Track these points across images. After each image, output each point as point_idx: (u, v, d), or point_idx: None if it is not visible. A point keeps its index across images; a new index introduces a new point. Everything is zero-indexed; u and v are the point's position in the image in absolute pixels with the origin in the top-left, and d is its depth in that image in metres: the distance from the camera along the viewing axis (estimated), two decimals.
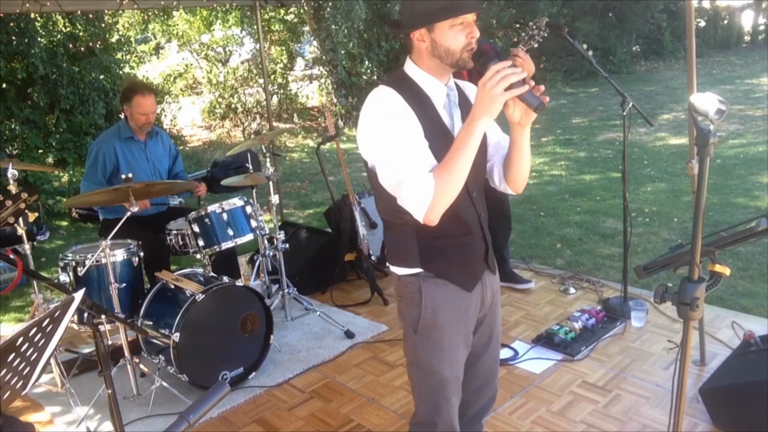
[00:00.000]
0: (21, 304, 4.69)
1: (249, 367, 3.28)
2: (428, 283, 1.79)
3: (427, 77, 1.74)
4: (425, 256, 1.78)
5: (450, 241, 1.78)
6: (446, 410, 1.89)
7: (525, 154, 1.83)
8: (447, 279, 1.80)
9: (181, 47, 13.19)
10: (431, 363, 1.84)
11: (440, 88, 1.75)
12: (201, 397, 1.22)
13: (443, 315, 1.80)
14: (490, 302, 1.94)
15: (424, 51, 1.71)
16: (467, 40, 1.67)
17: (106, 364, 1.86)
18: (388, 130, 1.65)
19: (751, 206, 5.66)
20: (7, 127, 7.78)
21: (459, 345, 1.85)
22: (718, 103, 1.61)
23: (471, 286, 1.84)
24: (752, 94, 12.11)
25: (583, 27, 16.10)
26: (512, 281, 4.23)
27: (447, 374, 1.85)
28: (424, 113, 1.69)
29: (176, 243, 3.60)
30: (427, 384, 1.87)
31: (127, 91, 3.73)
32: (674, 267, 2.04)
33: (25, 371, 1.33)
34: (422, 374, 1.87)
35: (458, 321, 1.83)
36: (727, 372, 2.69)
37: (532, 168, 8.08)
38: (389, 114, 1.66)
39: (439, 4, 1.62)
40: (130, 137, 3.75)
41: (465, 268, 1.83)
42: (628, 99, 3.45)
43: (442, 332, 1.81)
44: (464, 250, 1.83)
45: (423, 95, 1.72)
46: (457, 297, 1.81)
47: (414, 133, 1.65)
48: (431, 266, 1.78)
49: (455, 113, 1.78)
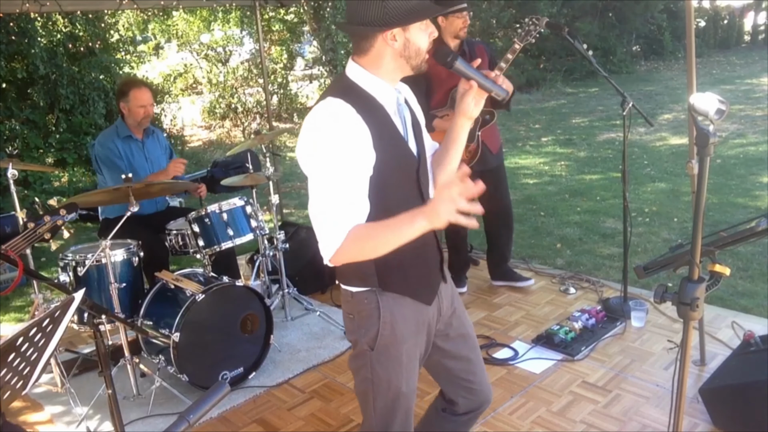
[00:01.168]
0: (21, 304, 4.69)
1: (249, 367, 3.28)
2: (386, 297, 1.71)
3: (378, 82, 1.65)
4: (382, 273, 1.69)
5: (407, 254, 1.63)
6: (402, 423, 1.85)
7: (461, 149, 1.81)
8: (406, 294, 1.73)
9: (180, 47, 13.19)
10: (389, 378, 1.77)
11: (391, 92, 1.68)
12: (201, 397, 1.22)
13: (401, 330, 1.73)
14: (449, 312, 1.89)
15: (390, 52, 1.62)
16: (430, 40, 1.65)
17: (106, 364, 1.86)
18: (330, 159, 1.54)
19: (751, 206, 5.67)
20: (7, 127, 7.78)
21: (416, 359, 1.80)
22: (718, 103, 1.61)
23: (430, 300, 1.79)
24: (752, 94, 12.11)
25: (583, 27, 16.11)
26: (511, 279, 4.23)
27: (404, 389, 1.80)
28: (378, 125, 1.59)
29: (176, 243, 3.59)
30: (384, 399, 1.81)
31: (122, 86, 3.73)
32: (674, 267, 2.04)
33: (25, 371, 1.33)
34: (378, 390, 1.79)
35: (416, 334, 1.77)
36: (727, 372, 2.69)
37: (533, 168, 8.10)
38: (337, 139, 1.54)
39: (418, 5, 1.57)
40: (128, 136, 3.74)
41: (423, 281, 1.78)
42: (628, 99, 3.45)
43: (400, 348, 1.74)
44: (420, 263, 1.76)
45: (376, 105, 1.63)
46: (415, 310, 1.76)
47: (355, 168, 1.55)
48: (390, 283, 1.70)
49: (406, 115, 1.73)
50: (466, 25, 3.70)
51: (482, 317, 3.87)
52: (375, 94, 1.64)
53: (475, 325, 3.75)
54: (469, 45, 3.82)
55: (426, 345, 1.84)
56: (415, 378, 1.83)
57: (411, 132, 1.73)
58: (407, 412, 1.85)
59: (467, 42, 3.80)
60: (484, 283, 4.37)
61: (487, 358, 3.37)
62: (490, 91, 1.67)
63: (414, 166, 1.71)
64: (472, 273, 4.44)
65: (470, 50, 3.82)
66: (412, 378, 1.81)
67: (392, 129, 1.65)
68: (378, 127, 1.59)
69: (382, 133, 1.60)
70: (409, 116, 1.74)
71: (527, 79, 14.49)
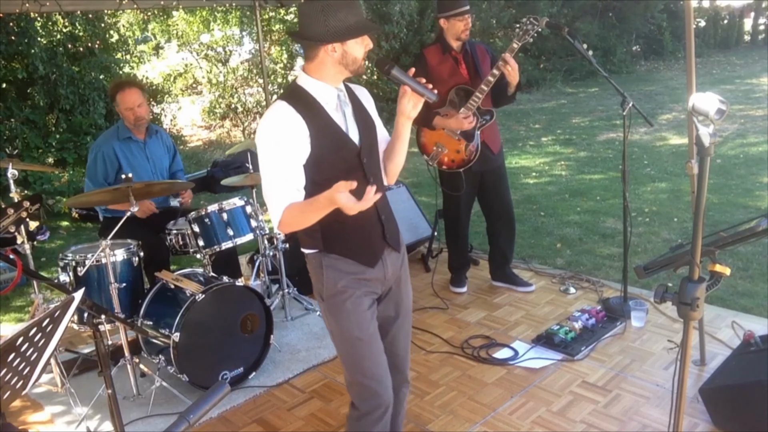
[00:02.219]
0: (21, 304, 4.69)
1: (249, 367, 3.28)
2: (329, 258, 2.03)
3: (320, 85, 1.98)
4: (327, 238, 2.02)
5: (348, 224, 1.95)
6: (368, 367, 2.07)
7: (406, 145, 2.11)
8: (348, 257, 2.03)
9: (180, 47, 13.19)
10: (340, 325, 2.06)
11: (331, 92, 2.00)
12: (201, 397, 1.22)
13: (343, 284, 2.02)
14: (394, 277, 2.14)
15: (330, 60, 1.95)
16: (365, 50, 1.97)
17: (106, 364, 1.86)
18: (270, 152, 1.90)
19: (752, 206, 5.67)
20: (7, 127, 7.77)
21: (363, 308, 2.04)
22: (719, 103, 1.61)
23: (373, 263, 2.06)
24: (752, 94, 12.11)
25: (583, 27, 16.11)
26: (512, 283, 4.23)
27: (357, 334, 2.04)
28: (315, 120, 1.94)
29: (176, 243, 3.59)
30: (343, 346, 2.10)
31: (110, 91, 3.71)
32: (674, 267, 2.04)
33: (25, 371, 1.33)
34: (337, 338, 2.11)
35: (358, 287, 2.04)
36: (727, 372, 2.69)
37: (533, 168, 8.12)
38: (276, 134, 1.90)
39: (355, 24, 1.90)
40: (128, 137, 3.73)
41: (364, 247, 2.06)
42: (628, 99, 3.46)
43: (345, 299, 2.02)
44: (361, 232, 2.04)
45: (314, 103, 1.97)
46: (357, 270, 2.03)
47: (289, 158, 1.90)
48: (332, 246, 2.03)
49: (346, 110, 2.04)
50: (468, 27, 3.71)
51: (482, 317, 3.87)
52: (316, 95, 1.98)
53: (475, 325, 3.77)
54: (470, 45, 3.83)
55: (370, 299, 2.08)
56: (368, 325, 2.06)
57: (354, 124, 2.04)
58: (371, 356, 2.07)
59: (469, 43, 3.81)
60: (484, 283, 4.37)
61: (487, 358, 3.37)
62: (422, 95, 1.95)
63: (355, 152, 2.02)
64: (472, 273, 4.44)
65: (472, 51, 3.82)
66: (364, 324, 2.05)
67: (330, 123, 1.98)
68: (316, 122, 1.94)
69: (320, 127, 1.94)
70: (350, 111, 2.05)
71: (527, 79, 14.49)
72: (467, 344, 3.53)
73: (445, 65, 3.78)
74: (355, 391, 2.13)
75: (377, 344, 2.09)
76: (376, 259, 2.07)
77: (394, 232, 2.15)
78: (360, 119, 2.07)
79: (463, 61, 3.80)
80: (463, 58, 3.80)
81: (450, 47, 3.77)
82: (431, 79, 3.73)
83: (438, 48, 3.81)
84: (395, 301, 2.18)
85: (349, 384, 2.15)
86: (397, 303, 2.19)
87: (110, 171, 3.68)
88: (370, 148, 2.07)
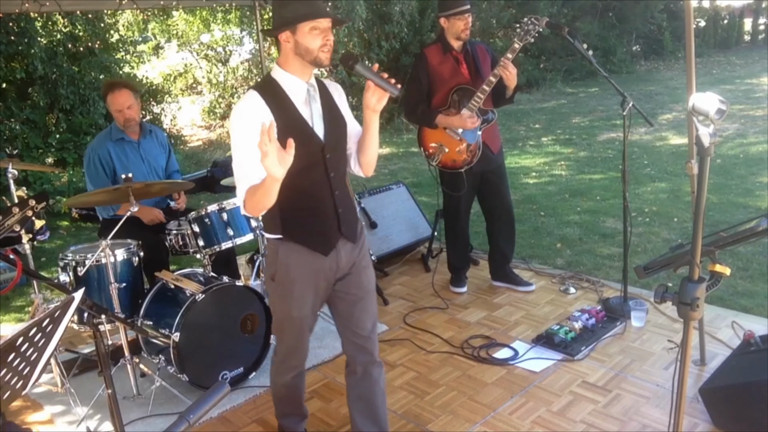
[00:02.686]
0: (21, 304, 4.69)
1: (249, 367, 3.28)
2: (285, 246, 2.20)
3: (290, 78, 2.11)
4: (285, 224, 2.18)
5: (306, 213, 2.18)
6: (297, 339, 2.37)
7: (375, 137, 2.21)
8: (303, 244, 2.19)
9: (180, 47, 13.19)
10: (282, 304, 2.29)
11: (301, 85, 2.13)
12: (201, 397, 1.22)
13: (294, 272, 2.21)
14: (348, 265, 2.29)
15: (289, 51, 2.08)
16: (323, 42, 2.05)
17: (106, 364, 1.86)
18: (238, 138, 2.05)
19: (752, 206, 5.67)
20: (7, 127, 7.77)
21: (308, 295, 2.25)
22: (719, 103, 1.61)
23: (327, 251, 2.21)
24: (752, 94, 12.11)
25: (583, 27, 16.11)
26: (512, 283, 4.23)
27: (294, 314, 2.28)
28: (281, 110, 2.08)
29: (176, 243, 3.59)
30: (278, 317, 2.36)
31: (102, 91, 3.67)
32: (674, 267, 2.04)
33: (25, 371, 1.33)
34: (275, 310, 2.36)
35: (309, 277, 2.22)
36: (727, 372, 2.69)
37: (533, 168, 8.11)
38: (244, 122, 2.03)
39: (301, 11, 2.01)
40: (121, 138, 3.70)
41: (320, 235, 2.21)
42: (628, 99, 3.46)
43: (293, 285, 2.23)
44: (318, 221, 2.20)
45: (283, 94, 2.10)
46: (311, 259, 2.20)
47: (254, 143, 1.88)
48: (289, 233, 2.19)
49: (314, 106, 2.15)
50: (468, 27, 3.71)
51: (482, 317, 3.87)
52: (287, 87, 2.12)
53: (475, 325, 3.77)
54: (471, 45, 3.83)
55: (324, 287, 2.28)
56: (306, 308, 2.28)
57: (320, 120, 2.16)
58: (299, 331, 2.35)
59: (470, 43, 3.81)
60: (484, 283, 4.37)
61: (487, 358, 3.37)
62: (385, 89, 2.04)
63: (319, 147, 2.14)
64: (472, 273, 4.44)
65: (472, 50, 3.82)
66: (303, 308, 2.27)
67: (297, 117, 2.11)
68: (282, 115, 2.06)
69: (286, 120, 2.06)
70: (319, 107, 2.17)
71: (527, 79, 14.49)
72: (467, 344, 3.53)
73: (446, 65, 3.78)
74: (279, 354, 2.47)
75: (307, 322, 2.34)
76: (329, 248, 2.22)
77: (351, 224, 2.29)
78: (329, 115, 2.18)
79: (464, 61, 3.80)
80: (464, 58, 3.80)
81: (451, 47, 3.77)
82: (432, 79, 3.78)
83: (439, 48, 3.81)
84: (356, 285, 2.32)
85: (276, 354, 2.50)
86: (357, 286, 2.32)
87: (107, 173, 3.67)
88: (336, 144, 2.20)
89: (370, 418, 2.40)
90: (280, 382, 2.53)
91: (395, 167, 8.67)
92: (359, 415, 2.41)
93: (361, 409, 2.41)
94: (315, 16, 2.02)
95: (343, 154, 2.25)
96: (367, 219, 4.70)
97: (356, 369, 2.40)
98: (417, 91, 3.84)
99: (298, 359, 2.47)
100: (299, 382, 2.58)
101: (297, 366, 2.49)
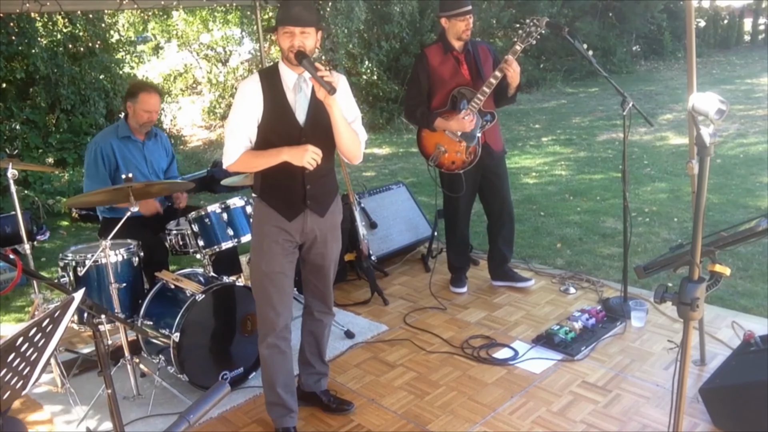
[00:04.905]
0: (21, 304, 4.68)
1: (249, 367, 3.27)
2: (261, 204, 2.64)
3: (286, 69, 2.51)
4: (262, 187, 2.63)
5: (279, 183, 2.59)
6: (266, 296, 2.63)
7: (340, 126, 2.49)
8: (272, 206, 2.61)
9: (180, 47, 13.19)
10: (255, 260, 2.66)
11: (293, 76, 2.51)
12: (201, 397, 1.23)
13: (263, 228, 2.62)
14: (313, 233, 2.66)
15: None
16: (290, 44, 2.40)
17: (106, 364, 1.85)
18: (235, 107, 2.53)
19: (752, 206, 5.67)
20: (7, 127, 7.77)
21: (276, 252, 2.60)
22: (719, 103, 1.61)
23: (290, 217, 2.60)
24: (752, 94, 12.11)
25: (583, 27, 16.11)
26: (512, 280, 4.23)
27: (264, 268, 2.62)
28: (271, 93, 2.50)
29: (176, 243, 3.59)
30: (253, 276, 2.69)
31: (133, 87, 3.71)
32: (674, 267, 2.04)
33: (25, 371, 1.33)
34: (252, 270, 2.69)
35: (275, 234, 2.60)
36: (727, 372, 2.69)
37: (533, 168, 8.11)
38: (240, 95, 2.52)
39: (279, 15, 2.42)
40: (127, 136, 3.73)
41: (287, 203, 2.60)
42: (628, 99, 3.45)
43: (262, 238, 2.63)
44: (287, 192, 2.60)
45: (278, 81, 2.51)
46: (278, 219, 2.59)
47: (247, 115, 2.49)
48: (264, 195, 2.63)
49: (300, 95, 2.52)
50: (469, 27, 3.71)
51: (482, 317, 3.87)
52: (282, 75, 2.52)
53: (475, 325, 3.77)
54: (473, 45, 3.82)
55: (289, 247, 2.64)
56: (275, 264, 2.61)
57: (305, 106, 2.52)
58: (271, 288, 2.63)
59: (471, 43, 3.81)
60: (484, 283, 4.37)
61: (487, 358, 3.37)
62: (321, 86, 2.31)
63: (297, 129, 2.51)
64: (472, 273, 4.44)
65: (474, 50, 3.82)
66: (271, 263, 2.61)
67: (281, 99, 2.50)
68: (271, 94, 2.50)
69: (272, 100, 2.50)
70: (307, 96, 2.52)
71: (527, 79, 14.47)
72: (467, 344, 3.53)
73: (446, 65, 3.77)
74: (258, 316, 2.71)
75: (280, 282, 2.63)
76: (293, 215, 2.60)
77: (318, 199, 2.64)
78: (315, 106, 2.50)
79: (465, 62, 3.79)
80: (465, 58, 3.79)
81: (452, 47, 3.77)
82: (433, 80, 3.77)
83: (439, 47, 3.81)
84: (321, 254, 2.74)
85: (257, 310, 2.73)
86: (322, 255, 2.74)
87: (108, 169, 3.68)
88: (314, 130, 2.52)
89: (315, 348, 2.94)
90: (260, 351, 2.73)
91: (395, 167, 8.67)
92: (307, 345, 2.94)
93: (310, 342, 2.93)
94: (285, 22, 2.39)
95: (321, 140, 2.52)
96: (366, 219, 4.69)
97: (313, 312, 2.89)
98: (417, 92, 3.84)
99: (265, 319, 2.67)
100: (276, 359, 2.71)
101: (268, 330, 2.67)
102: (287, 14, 2.38)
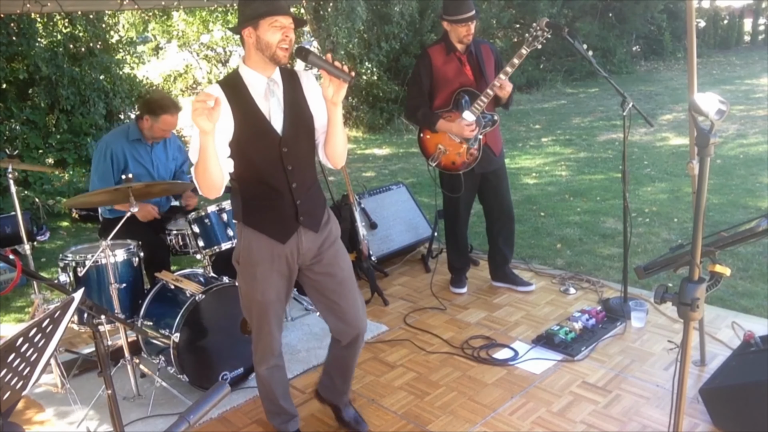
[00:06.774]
0: (21, 304, 4.69)
1: (249, 368, 3.27)
2: (247, 230, 2.35)
3: (252, 74, 2.22)
4: (246, 212, 2.34)
5: (264, 203, 2.31)
6: (264, 324, 2.43)
7: (339, 129, 2.27)
8: (261, 231, 2.32)
9: (180, 47, 13.20)
10: (246, 288, 2.41)
11: (261, 80, 2.22)
12: (201, 397, 1.23)
13: (255, 255, 2.34)
14: (311, 252, 2.40)
15: (252, 46, 2.18)
16: (282, 37, 2.14)
17: (106, 365, 1.85)
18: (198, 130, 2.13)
19: (752, 206, 5.67)
20: (7, 127, 7.77)
21: (272, 278, 2.36)
22: (719, 104, 1.61)
23: (284, 239, 2.33)
24: (752, 94, 12.11)
25: (583, 27, 16.10)
26: (512, 283, 4.23)
27: (258, 298, 2.38)
28: (240, 105, 2.19)
29: (176, 243, 3.59)
30: (246, 301, 2.45)
31: (155, 105, 3.61)
32: (674, 267, 2.04)
33: (25, 371, 1.33)
34: (244, 297, 2.46)
35: (270, 261, 2.34)
36: (727, 372, 2.69)
37: (533, 168, 8.11)
38: None
39: (262, 8, 2.12)
40: (137, 139, 3.73)
41: (277, 224, 2.33)
42: (628, 99, 3.45)
43: (255, 268, 2.35)
44: (275, 211, 2.32)
45: (244, 89, 2.21)
46: (270, 244, 2.33)
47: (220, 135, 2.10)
48: (249, 220, 2.34)
49: (273, 100, 2.24)
50: (471, 33, 3.71)
51: (482, 317, 3.87)
52: (247, 82, 2.22)
53: (475, 325, 3.77)
54: (475, 45, 3.82)
55: (286, 271, 2.39)
56: (271, 293, 2.38)
57: (280, 114, 2.24)
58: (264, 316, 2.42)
59: (474, 43, 3.81)
60: (484, 283, 4.37)
61: (487, 359, 3.37)
62: (338, 77, 2.08)
63: (276, 140, 2.23)
64: (472, 273, 4.44)
65: (476, 51, 3.82)
66: (267, 291, 2.37)
67: (254, 111, 2.21)
68: (238, 105, 2.19)
69: (244, 113, 2.19)
70: (280, 101, 2.25)
71: (527, 79, 14.48)
72: (467, 345, 3.53)
73: (450, 65, 3.77)
74: (255, 341, 2.52)
75: (273, 308, 2.41)
76: (286, 236, 2.33)
77: (311, 214, 2.38)
78: (290, 110, 2.26)
79: (468, 63, 3.79)
80: (467, 59, 3.79)
81: (454, 48, 3.77)
82: (435, 79, 3.77)
83: (442, 47, 3.80)
84: (330, 273, 2.45)
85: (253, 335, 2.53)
86: (332, 274, 2.45)
87: (114, 168, 3.67)
88: (295, 138, 2.27)
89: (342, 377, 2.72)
90: (259, 371, 2.59)
91: (395, 167, 8.67)
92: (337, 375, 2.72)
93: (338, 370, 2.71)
94: (275, 12, 2.12)
95: (303, 148, 2.32)
96: (366, 219, 4.70)
97: (341, 341, 2.57)
98: (418, 92, 3.84)
99: (265, 346, 2.50)
100: (276, 376, 2.60)
101: (267, 355, 2.52)
102: (272, 4, 2.13)
